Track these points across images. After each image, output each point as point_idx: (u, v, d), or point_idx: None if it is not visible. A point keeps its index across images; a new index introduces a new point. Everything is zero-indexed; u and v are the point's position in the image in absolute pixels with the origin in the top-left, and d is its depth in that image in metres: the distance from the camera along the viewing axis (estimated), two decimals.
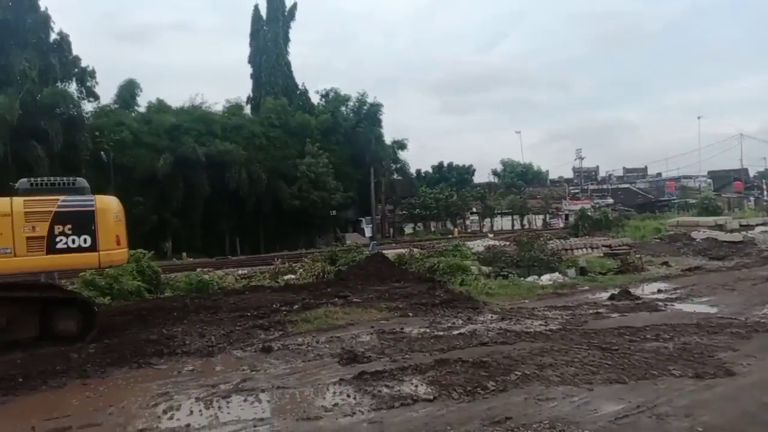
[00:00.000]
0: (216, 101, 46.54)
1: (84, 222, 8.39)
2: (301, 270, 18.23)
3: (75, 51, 35.58)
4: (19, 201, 8.19)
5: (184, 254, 31.43)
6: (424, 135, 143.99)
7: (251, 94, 49.40)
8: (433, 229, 51.65)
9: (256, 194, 38.75)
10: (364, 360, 7.71)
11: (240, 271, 20.14)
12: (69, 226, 8.29)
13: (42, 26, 33.76)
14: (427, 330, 9.51)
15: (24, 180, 8.86)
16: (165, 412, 6.14)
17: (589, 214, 36.83)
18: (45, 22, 33.98)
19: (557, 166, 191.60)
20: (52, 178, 9.03)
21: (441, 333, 9.28)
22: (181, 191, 35.18)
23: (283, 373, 7.38)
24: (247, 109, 46.44)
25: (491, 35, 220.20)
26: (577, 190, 73.56)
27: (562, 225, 52.93)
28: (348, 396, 6.33)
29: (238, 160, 36.99)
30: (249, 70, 50.20)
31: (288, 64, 49.51)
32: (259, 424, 5.64)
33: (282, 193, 40.21)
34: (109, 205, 8.90)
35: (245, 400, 6.37)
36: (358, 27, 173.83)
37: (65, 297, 9.12)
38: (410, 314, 10.87)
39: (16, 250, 7.99)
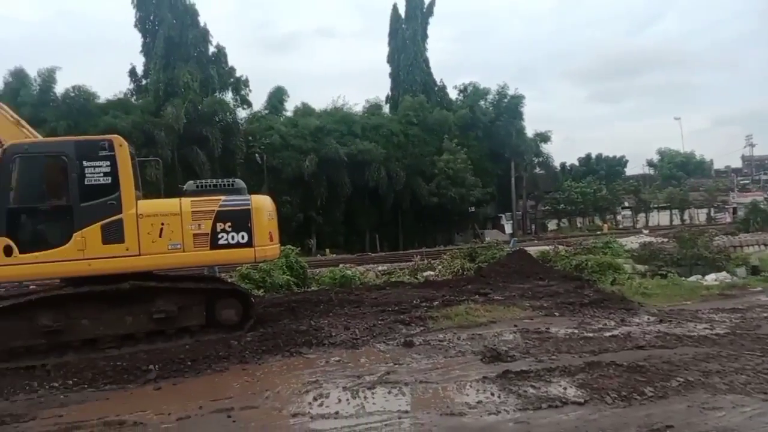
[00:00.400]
0: (356, 102, 48.07)
1: (242, 220, 8.99)
2: (439, 267, 18.23)
3: (230, 62, 38.65)
4: (186, 201, 8.96)
5: (327, 250, 32.90)
6: (570, 126, 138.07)
7: (390, 93, 50.32)
8: (579, 226, 49.32)
9: (394, 191, 39.54)
10: (507, 359, 7.49)
11: (380, 268, 20.60)
12: (229, 224, 8.92)
13: (202, 40, 37.00)
14: (576, 331, 9.03)
15: (191, 182, 9.68)
16: (315, 399, 6.40)
17: (762, 207, 33.13)
18: (204, 36, 37.20)
19: (723, 154, 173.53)
20: (214, 180, 9.76)
21: (591, 334, 8.77)
22: (325, 190, 36.85)
23: (426, 368, 7.38)
24: (386, 108, 47.32)
25: (644, 16, 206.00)
26: (746, 181, 66.51)
27: (729, 220, 48.25)
28: (492, 394, 6.18)
29: (378, 159, 37.94)
30: (388, 69, 51.14)
31: (426, 61, 49.70)
32: (404, 417, 5.69)
33: (420, 190, 40.58)
34: (263, 204, 9.45)
35: (389, 392, 6.46)
36: (498, 19, 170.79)
37: (227, 288, 9.86)
38: (556, 314, 10.40)
39: (184, 246, 8.76)
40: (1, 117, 9.28)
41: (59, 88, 32.40)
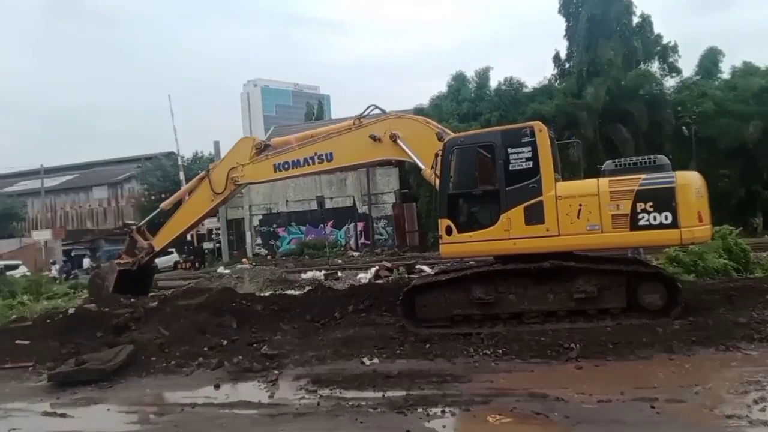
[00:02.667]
0: None
1: (665, 199, 8.34)
2: None
3: (657, 29, 36.14)
4: (604, 181, 8.80)
5: None
6: None
7: None
8: None
9: None
10: None
11: None
12: (650, 204, 8.39)
13: (625, 13, 35.62)
14: None
15: (609, 162, 9.45)
16: (756, 402, 5.56)
17: None
18: (627, 8, 35.78)
19: None
20: (634, 158, 9.31)
21: None
22: None
23: None
24: None
25: None
26: None
27: None
28: None
29: None
30: None
31: None
32: None
33: None
34: (690, 181, 8.59)
35: None
36: None
37: (649, 272, 9.31)
38: None
39: (603, 227, 8.61)
40: (428, 129, 10.98)
41: (492, 83, 36.02)
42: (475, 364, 7.79)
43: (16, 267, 33.77)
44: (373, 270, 19.42)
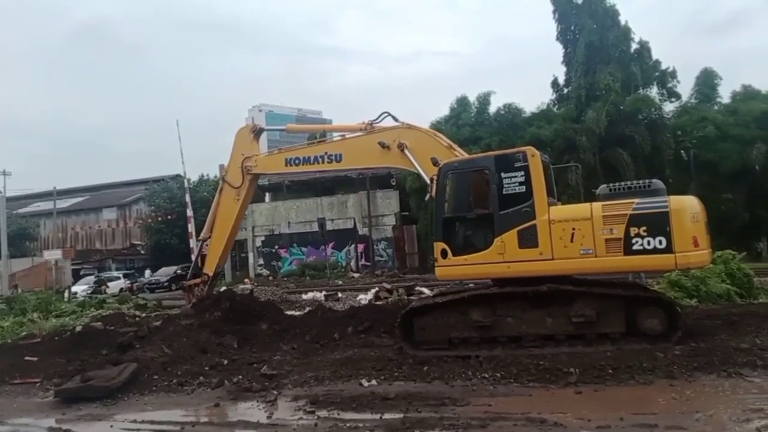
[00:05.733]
0: None
1: (659, 224, 8.27)
2: None
3: (655, 55, 36.32)
4: (598, 206, 8.79)
5: None
6: None
7: None
8: None
9: None
10: None
11: None
12: (644, 228, 8.33)
13: (623, 39, 35.80)
14: None
15: (603, 186, 9.46)
16: (759, 430, 5.47)
17: None
18: (625, 35, 35.96)
19: None
20: (629, 183, 9.29)
21: None
22: None
23: None
24: None
25: None
26: None
27: None
28: None
29: None
30: None
31: None
32: None
33: None
34: (685, 206, 8.51)
35: None
36: None
37: (648, 296, 9.22)
38: None
39: (596, 251, 8.56)
40: (435, 142, 11.08)
41: (492, 108, 36.17)
42: (473, 388, 7.73)
43: (117, 278, 40.45)
44: (372, 291, 19.36)
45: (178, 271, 38.97)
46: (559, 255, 8.72)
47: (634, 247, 8.35)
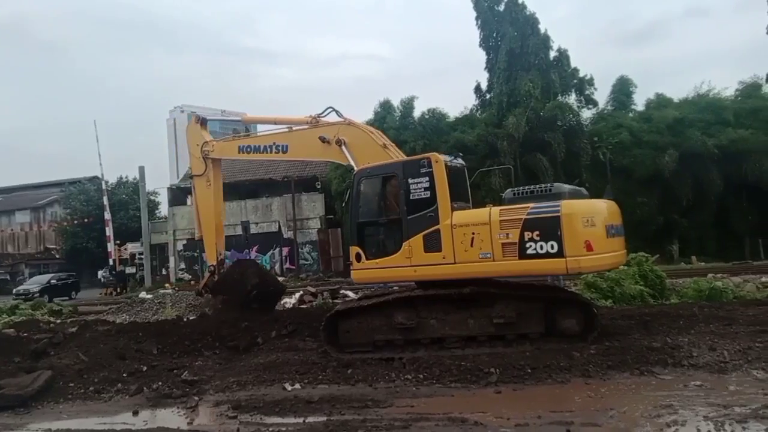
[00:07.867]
0: (726, 86, 40.46)
1: (550, 228, 8.31)
2: None
3: (573, 63, 37.67)
4: (496, 210, 8.88)
5: (694, 258, 28.94)
6: None
7: None
8: None
9: None
10: None
11: (763, 279, 17.17)
12: (537, 233, 8.38)
13: (542, 47, 36.89)
14: None
15: (509, 191, 9.55)
16: (669, 425, 5.63)
17: None
18: (545, 42, 37.07)
19: None
20: (531, 187, 9.33)
21: None
22: (689, 188, 32.60)
23: None
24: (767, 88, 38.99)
25: None
26: None
27: None
28: None
29: (757, 149, 31.82)
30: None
31: None
32: None
33: None
34: (575, 211, 8.45)
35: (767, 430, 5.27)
36: None
37: (566, 297, 9.41)
38: None
39: (494, 255, 8.64)
40: (371, 140, 10.99)
41: (416, 112, 36.43)
42: (396, 389, 7.72)
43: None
44: (297, 295, 19.00)
45: (52, 281, 37.33)
46: (460, 259, 8.79)
47: (528, 252, 8.42)
